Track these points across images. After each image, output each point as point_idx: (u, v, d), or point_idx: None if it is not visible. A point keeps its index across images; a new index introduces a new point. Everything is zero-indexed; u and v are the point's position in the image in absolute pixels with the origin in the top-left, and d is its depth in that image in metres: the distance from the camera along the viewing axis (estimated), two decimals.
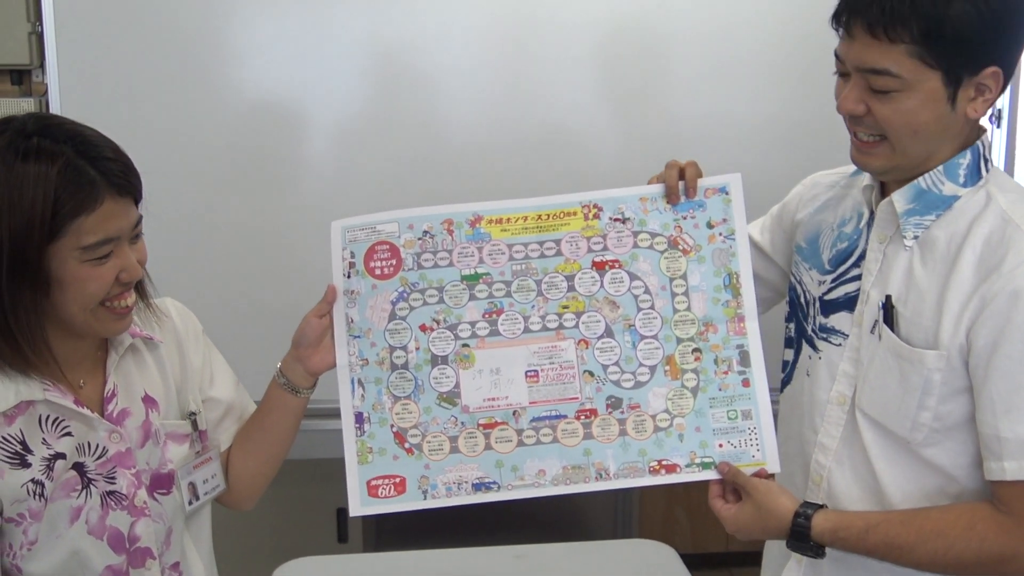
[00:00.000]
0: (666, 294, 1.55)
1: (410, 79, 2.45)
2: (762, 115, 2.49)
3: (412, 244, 1.58)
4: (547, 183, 2.43)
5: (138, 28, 2.37)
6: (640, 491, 3.19)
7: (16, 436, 1.38)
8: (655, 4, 2.44)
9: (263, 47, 2.41)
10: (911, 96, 1.35)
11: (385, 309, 1.57)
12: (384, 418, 1.56)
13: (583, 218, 1.58)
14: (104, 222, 1.33)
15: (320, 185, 2.47)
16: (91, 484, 1.42)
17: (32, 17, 2.37)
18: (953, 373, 1.38)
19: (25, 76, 2.43)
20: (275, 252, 2.49)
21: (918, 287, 1.42)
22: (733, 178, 1.57)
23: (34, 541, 1.39)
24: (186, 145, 2.42)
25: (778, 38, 2.44)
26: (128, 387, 1.49)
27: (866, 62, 1.36)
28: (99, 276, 1.35)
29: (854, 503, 1.48)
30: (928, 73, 1.34)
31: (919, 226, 1.43)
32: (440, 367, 1.56)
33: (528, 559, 2.29)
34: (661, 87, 2.49)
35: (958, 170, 1.42)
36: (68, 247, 1.32)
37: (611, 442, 1.54)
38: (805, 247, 1.62)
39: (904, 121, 1.37)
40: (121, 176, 1.35)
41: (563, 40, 2.44)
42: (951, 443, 1.41)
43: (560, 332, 1.56)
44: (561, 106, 2.47)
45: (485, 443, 1.56)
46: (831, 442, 1.51)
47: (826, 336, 1.53)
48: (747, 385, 1.54)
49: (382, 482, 1.56)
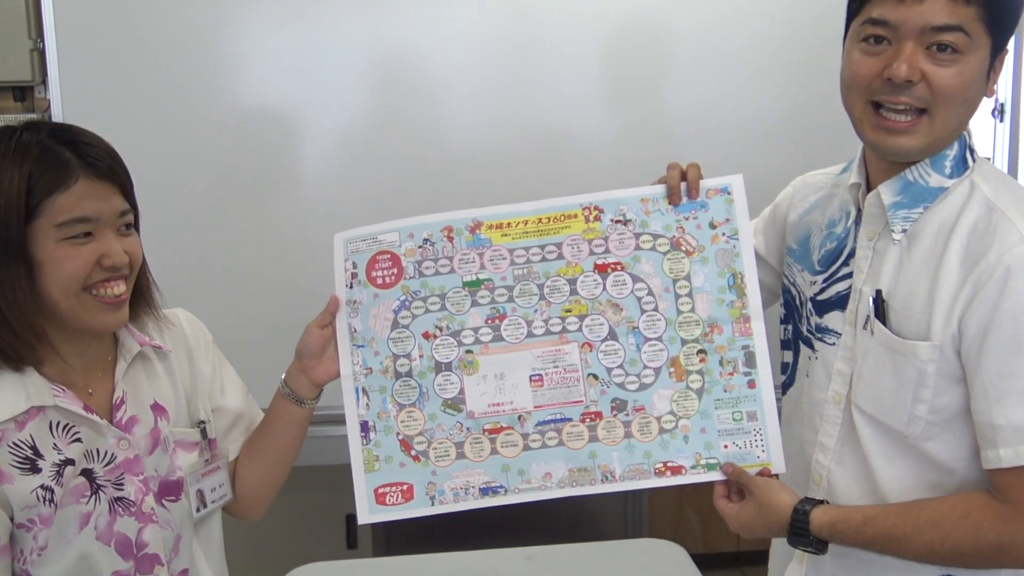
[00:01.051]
0: (670, 296, 1.55)
1: (411, 83, 2.46)
2: (763, 113, 2.49)
3: (413, 252, 1.58)
4: (549, 184, 2.45)
5: (139, 42, 2.39)
6: (650, 491, 3.19)
7: (27, 441, 1.38)
8: (655, 3, 2.44)
9: (264, 58, 2.42)
10: (971, 61, 1.35)
11: (388, 318, 1.58)
12: (390, 426, 1.57)
13: (584, 220, 1.58)
14: (79, 201, 1.35)
15: (323, 191, 2.48)
16: (100, 490, 1.43)
17: (34, 34, 2.38)
18: (947, 364, 1.38)
19: (28, 92, 2.45)
20: (277, 259, 2.49)
21: (907, 280, 1.42)
22: (735, 179, 1.56)
23: (44, 547, 1.40)
24: (187, 157, 2.43)
25: (779, 36, 2.45)
26: (137, 395, 1.50)
27: (937, 19, 1.34)
28: (76, 256, 1.35)
29: (854, 501, 1.48)
30: (985, 40, 1.35)
31: (907, 219, 1.43)
32: (444, 374, 1.57)
33: (538, 560, 2.28)
34: (662, 86, 2.49)
35: (944, 161, 1.41)
36: (45, 227, 1.34)
37: (616, 444, 1.54)
38: (796, 248, 1.62)
39: (960, 85, 1.36)
40: (97, 159, 1.38)
41: (563, 42, 2.45)
42: (949, 435, 1.41)
43: (563, 336, 1.56)
44: (562, 107, 2.48)
45: (491, 448, 1.56)
46: (830, 441, 1.51)
47: (821, 336, 1.53)
48: (752, 386, 1.53)
49: (389, 489, 1.56)
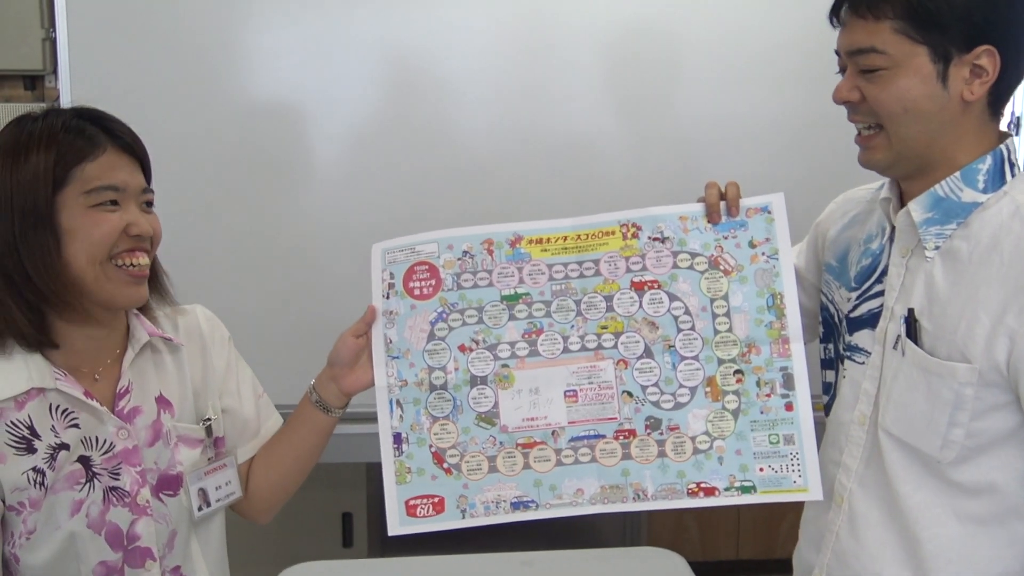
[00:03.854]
0: (707, 315, 1.54)
1: (424, 85, 2.43)
2: (776, 120, 2.48)
3: (452, 264, 1.57)
4: (562, 189, 2.45)
5: (150, 34, 2.36)
6: None
7: (24, 421, 1.39)
8: (668, 10, 2.43)
9: (276, 51, 2.39)
10: (900, 75, 1.35)
11: (424, 329, 1.57)
12: (423, 438, 1.56)
13: (621, 237, 1.57)
14: (108, 170, 1.39)
15: (334, 190, 2.46)
16: (95, 478, 1.42)
17: (46, 23, 2.36)
18: (987, 389, 1.35)
19: (38, 81, 2.43)
20: (286, 258, 2.47)
21: (941, 299, 1.39)
22: (776, 197, 1.55)
23: (32, 531, 1.39)
24: (198, 150, 2.40)
25: (791, 43, 2.44)
26: (143, 385, 1.49)
27: (854, 44, 1.38)
28: (105, 221, 1.38)
29: (873, 526, 1.47)
30: (914, 48, 1.34)
31: (940, 236, 1.40)
32: (479, 387, 1.56)
33: (535, 566, 2.29)
34: (675, 92, 2.48)
35: (977, 176, 1.39)
36: (74, 193, 1.37)
37: (649, 463, 1.54)
38: (835, 265, 1.60)
39: (895, 100, 1.36)
40: (122, 135, 1.43)
41: (576, 46, 2.43)
42: (984, 460, 1.39)
43: (599, 352, 1.56)
44: (575, 112, 2.46)
45: (524, 462, 1.55)
46: (853, 463, 1.49)
47: (850, 355, 1.52)
48: (790, 409, 1.52)
49: (420, 502, 1.56)
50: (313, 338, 1.86)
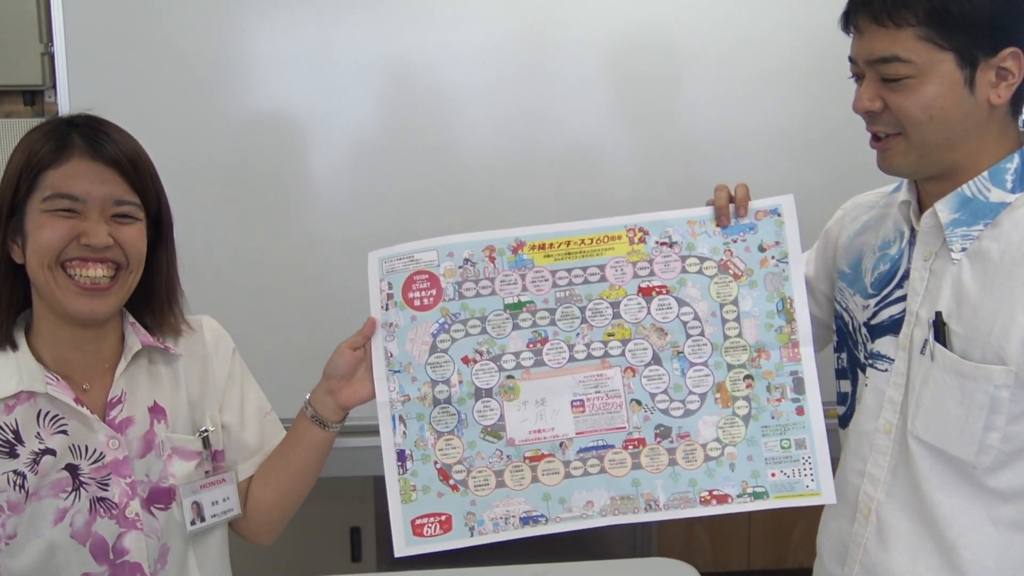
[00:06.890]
0: (716, 320, 1.51)
1: (426, 97, 2.41)
2: (781, 129, 2.46)
3: (452, 273, 1.54)
4: (565, 202, 2.43)
5: (149, 48, 2.34)
6: None
7: (10, 426, 1.38)
8: (672, 20, 2.41)
9: (275, 65, 2.38)
10: (926, 82, 1.32)
11: (426, 342, 1.53)
12: (427, 455, 1.52)
13: (628, 242, 1.54)
14: (68, 179, 1.37)
15: (336, 199, 2.44)
16: (82, 487, 1.40)
17: (44, 38, 2.36)
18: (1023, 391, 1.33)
19: (37, 96, 2.42)
20: (285, 271, 2.45)
21: (971, 302, 1.36)
22: (786, 199, 1.52)
23: (13, 535, 1.38)
24: (197, 163, 2.38)
25: (796, 52, 2.42)
26: (135, 395, 1.47)
27: (875, 52, 1.34)
28: (53, 226, 1.37)
29: (903, 536, 1.44)
30: (940, 55, 1.31)
31: (967, 237, 1.37)
32: (484, 400, 1.53)
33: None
34: (679, 103, 2.46)
35: (1005, 175, 1.37)
36: (37, 200, 1.38)
37: (660, 472, 1.51)
38: (848, 272, 1.58)
39: (920, 109, 1.33)
40: (104, 144, 1.39)
41: (579, 57, 2.41)
42: (1021, 465, 1.36)
43: (606, 360, 1.52)
44: (577, 123, 2.44)
45: (532, 476, 1.52)
46: (880, 472, 1.47)
47: (872, 363, 1.49)
48: (801, 413, 1.50)
49: (427, 520, 1.52)
50: (313, 351, 1.83)
